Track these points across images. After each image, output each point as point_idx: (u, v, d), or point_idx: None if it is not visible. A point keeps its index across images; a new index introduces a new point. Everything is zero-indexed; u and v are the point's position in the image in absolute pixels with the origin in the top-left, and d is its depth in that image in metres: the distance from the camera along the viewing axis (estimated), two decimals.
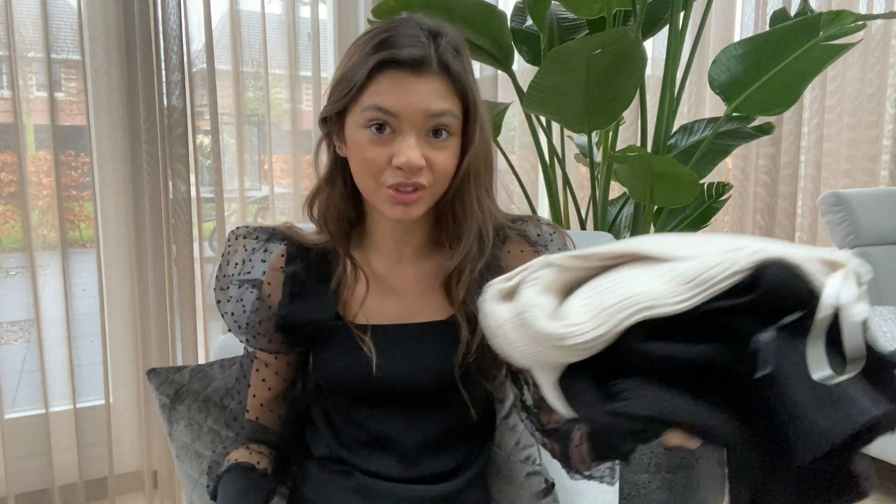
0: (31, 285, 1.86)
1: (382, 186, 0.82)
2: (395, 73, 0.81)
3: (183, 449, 1.10)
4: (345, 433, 0.93)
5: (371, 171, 0.82)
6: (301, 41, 2.11)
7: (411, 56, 0.80)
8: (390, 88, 0.80)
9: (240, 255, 0.94)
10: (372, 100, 0.81)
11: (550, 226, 0.96)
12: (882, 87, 3.28)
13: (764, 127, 1.85)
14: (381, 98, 0.80)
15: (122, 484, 2.07)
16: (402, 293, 0.92)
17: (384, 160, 0.81)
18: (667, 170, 1.52)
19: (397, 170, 0.81)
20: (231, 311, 0.93)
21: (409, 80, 0.81)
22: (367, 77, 0.81)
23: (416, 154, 0.80)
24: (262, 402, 0.97)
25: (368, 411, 0.91)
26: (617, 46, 1.42)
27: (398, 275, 0.92)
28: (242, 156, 2.07)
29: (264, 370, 0.97)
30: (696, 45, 1.78)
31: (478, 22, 1.62)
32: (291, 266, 0.93)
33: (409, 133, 0.81)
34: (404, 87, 0.81)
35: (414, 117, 0.81)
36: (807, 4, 1.80)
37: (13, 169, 1.84)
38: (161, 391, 1.11)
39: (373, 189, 0.84)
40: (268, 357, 0.97)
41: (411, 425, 0.91)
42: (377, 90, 0.81)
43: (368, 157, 0.82)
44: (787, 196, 3.16)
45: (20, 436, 1.92)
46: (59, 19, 1.84)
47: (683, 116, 2.80)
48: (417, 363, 0.89)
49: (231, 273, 0.94)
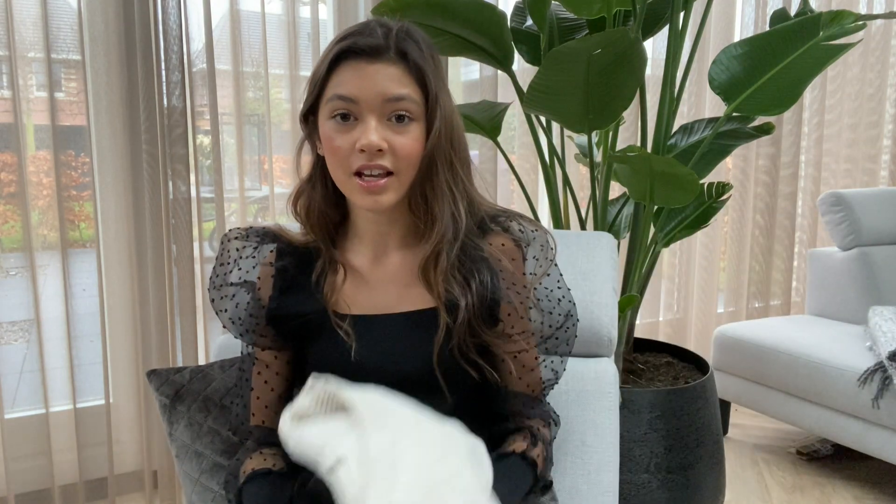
0: (31, 285, 1.86)
1: (351, 176, 0.86)
2: (353, 62, 0.85)
3: (183, 449, 1.10)
4: None
5: (339, 160, 0.86)
6: (301, 41, 2.11)
7: (367, 44, 0.85)
8: (349, 76, 0.85)
9: (232, 256, 0.98)
10: (334, 90, 0.86)
11: (533, 223, 0.98)
12: (882, 87, 3.28)
13: (764, 127, 1.85)
14: (341, 87, 0.85)
15: (122, 484, 2.07)
16: (386, 285, 0.94)
17: (349, 147, 0.85)
18: (667, 170, 1.52)
19: (360, 153, 0.84)
20: (226, 309, 0.96)
21: (366, 67, 0.85)
22: (327, 70, 0.86)
23: (375, 137, 0.84)
24: (266, 403, 0.98)
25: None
26: (617, 46, 1.42)
27: (382, 267, 0.95)
28: (242, 156, 2.07)
29: (266, 372, 0.98)
30: (696, 45, 1.78)
31: (478, 22, 1.62)
32: (281, 262, 0.96)
33: (369, 118, 0.85)
34: (361, 74, 0.85)
35: (372, 101, 0.84)
36: (807, 4, 1.80)
37: (13, 169, 1.84)
38: (161, 392, 1.11)
39: (344, 180, 0.88)
40: (268, 358, 0.98)
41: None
42: (338, 81, 0.86)
43: (335, 145, 0.86)
44: (787, 196, 3.16)
45: (20, 436, 1.93)
46: (59, 19, 1.84)
47: (683, 116, 2.80)
48: (397, 351, 0.91)
49: (225, 274, 0.97)
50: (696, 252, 2.99)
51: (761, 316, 3.20)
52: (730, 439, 2.56)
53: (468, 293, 0.89)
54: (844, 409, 2.14)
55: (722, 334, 2.55)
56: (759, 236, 3.14)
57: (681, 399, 1.71)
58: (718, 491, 1.79)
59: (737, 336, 2.49)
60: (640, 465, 1.67)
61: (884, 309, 2.32)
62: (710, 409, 1.77)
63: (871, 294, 2.51)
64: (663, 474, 1.67)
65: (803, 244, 3.30)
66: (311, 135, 0.93)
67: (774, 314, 3.23)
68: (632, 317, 1.91)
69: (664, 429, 1.68)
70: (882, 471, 2.32)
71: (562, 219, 1.89)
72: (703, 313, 3.04)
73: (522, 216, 0.99)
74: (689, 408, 1.71)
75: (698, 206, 1.90)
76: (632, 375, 1.88)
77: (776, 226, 3.16)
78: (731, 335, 2.52)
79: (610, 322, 1.25)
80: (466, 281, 0.90)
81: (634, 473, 1.67)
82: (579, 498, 1.12)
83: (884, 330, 2.19)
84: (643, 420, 1.68)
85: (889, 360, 2.05)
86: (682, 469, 1.68)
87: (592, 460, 1.14)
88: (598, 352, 1.26)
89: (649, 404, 1.69)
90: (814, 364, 2.22)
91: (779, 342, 2.36)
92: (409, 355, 0.91)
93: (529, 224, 0.98)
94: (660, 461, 1.67)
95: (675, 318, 3.01)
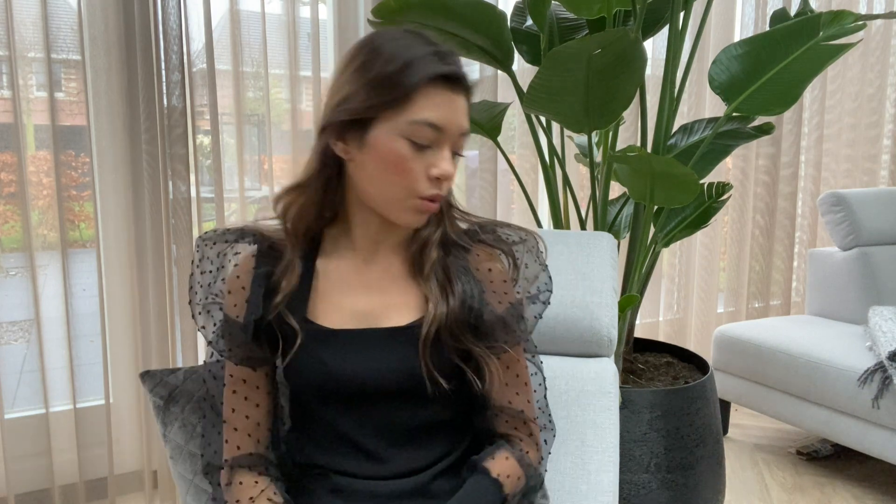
0: (31, 285, 1.86)
1: (412, 196, 0.85)
2: (444, 90, 0.83)
3: (177, 450, 1.09)
4: (316, 434, 0.93)
5: (406, 181, 0.84)
6: (301, 41, 2.11)
7: (457, 73, 0.84)
8: (440, 104, 0.83)
9: (211, 262, 0.95)
10: (423, 114, 0.82)
11: (522, 229, 0.99)
12: (882, 87, 3.28)
13: (764, 127, 1.85)
14: (431, 113, 0.83)
15: (122, 484, 2.07)
16: (370, 292, 0.93)
17: (421, 171, 0.84)
18: (667, 170, 1.52)
19: (434, 180, 0.85)
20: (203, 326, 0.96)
21: (455, 98, 0.85)
22: (415, 88, 0.82)
23: (452, 167, 0.86)
24: (258, 421, 0.94)
25: (335, 413, 0.91)
26: (617, 46, 1.42)
27: (366, 273, 0.93)
28: (242, 156, 2.07)
29: (242, 388, 0.94)
30: (696, 45, 1.78)
31: (478, 22, 1.62)
32: (263, 266, 0.92)
33: (445, 147, 0.85)
34: (451, 105, 0.84)
35: (453, 134, 0.85)
36: (807, 4, 1.80)
37: (13, 169, 1.84)
38: (155, 393, 1.10)
39: (400, 197, 0.86)
40: (245, 373, 0.93)
41: (377, 425, 0.91)
42: (427, 104, 0.83)
43: (409, 167, 0.84)
44: (787, 196, 3.16)
45: (20, 436, 1.93)
46: (59, 19, 1.84)
47: (683, 116, 2.80)
48: (381, 366, 0.89)
49: (205, 283, 0.95)
50: (696, 252, 2.99)
51: (761, 316, 3.20)
52: (730, 439, 2.56)
53: (450, 296, 0.90)
54: (844, 409, 2.14)
55: (722, 334, 2.55)
56: (759, 236, 3.15)
57: (681, 399, 1.71)
58: (718, 491, 1.79)
59: (737, 336, 2.49)
60: (640, 465, 1.67)
61: (884, 309, 2.32)
62: (710, 409, 1.77)
63: (871, 294, 2.51)
64: (663, 474, 1.67)
65: (803, 244, 3.30)
66: (343, 137, 0.87)
67: (774, 314, 3.23)
68: (632, 317, 1.91)
69: (664, 429, 1.68)
70: (882, 471, 2.32)
71: (562, 219, 1.89)
72: (703, 313, 3.04)
73: (511, 224, 1.00)
74: (689, 408, 1.71)
75: (698, 206, 1.90)
76: (632, 375, 1.88)
77: (776, 226, 3.16)
78: (731, 335, 2.52)
79: (610, 322, 1.25)
80: (450, 283, 0.91)
81: (634, 473, 1.67)
82: (579, 498, 1.12)
83: (884, 330, 2.19)
84: (643, 420, 1.68)
85: (889, 360, 2.05)
86: (682, 469, 1.68)
87: (592, 460, 1.14)
88: (598, 352, 1.26)
89: (649, 404, 1.69)
90: (814, 364, 2.22)
91: (779, 342, 2.36)
92: (391, 370, 0.90)
93: (519, 230, 0.99)
94: (660, 461, 1.67)
95: (675, 318, 3.01)
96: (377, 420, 0.91)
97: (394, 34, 0.86)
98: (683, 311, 3.01)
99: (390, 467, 0.91)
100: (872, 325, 2.25)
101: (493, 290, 0.94)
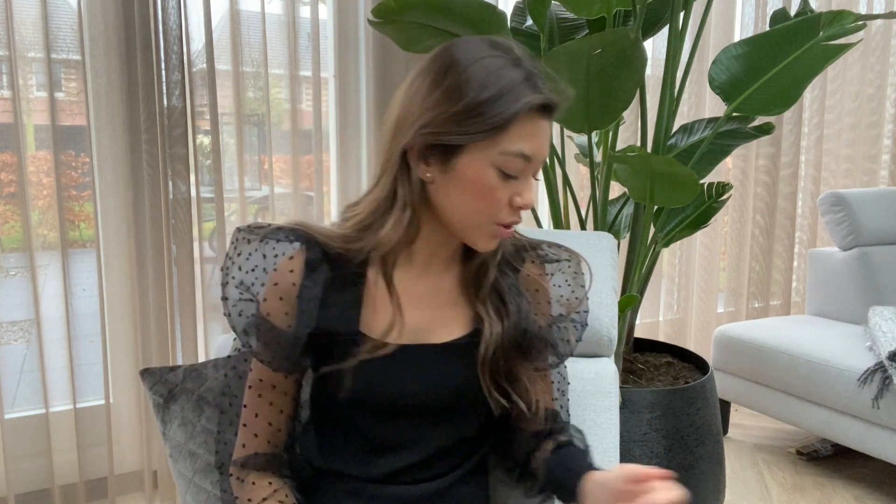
0: (31, 285, 1.86)
1: (492, 223, 0.83)
2: (538, 118, 0.80)
3: (177, 448, 1.09)
4: (342, 439, 0.92)
5: (491, 209, 0.82)
6: (301, 41, 2.11)
7: (552, 102, 0.81)
8: (533, 134, 0.80)
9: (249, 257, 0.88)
10: (516, 145, 0.79)
11: (567, 250, 0.98)
12: (882, 87, 3.28)
13: (764, 127, 1.85)
14: (524, 144, 0.80)
15: (122, 484, 2.07)
16: (420, 305, 0.90)
17: (507, 199, 0.83)
18: (667, 170, 1.52)
19: (517, 209, 0.84)
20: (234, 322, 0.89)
21: (544, 123, 0.82)
22: (511, 120, 0.78)
23: (533, 196, 0.84)
24: (279, 427, 0.92)
25: (370, 422, 0.90)
26: (617, 46, 1.42)
27: (418, 286, 0.90)
28: (242, 156, 2.07)
29: (270, 393, 0.90)
30: (696, 45, 1.78)
31: (478, 22, 1.62)
32: (312, 276, 0.86)
33: (530, 175, 0.84)
34: (542, 134, 0.82)
35: (539, 163, 0.83)
36: (807, 4, 1.80)
37: (13, 169, 1.84)
38: (154, 391, 1.10)
39: (480, 223, 0.84)
40: (277, 378, 0.90)
41: (411, 436, 0.91)
42: (521, 134, 0.79)
43: (496, 196, 0.82)
44: (787, 196, 3.16)
45: (20, 436, 1.93)
46: (59, 19, 1.84)
47: (683, 116, 2.80)
48: (429, 383, 0.89)
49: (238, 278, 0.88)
50: (696, 252, 2.99)
51: (761, 316, 3.20)
52: (730, 439, 2.56)
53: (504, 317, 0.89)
54: (844, 409, 2.14)
55: (722, 334, 2.55)
56: (759, 236, 3.14)
57: (681, 399, 1.71)
58: (718, 491, 1.79)
59: (737, 336, 2.49)
60: (640, 464, 1.67)
61: (884, 309, 2.32)
62: (710, 409, 1.77)
63: (871, 294, 2.51)
64: None
65: (803, 244, 3.30)
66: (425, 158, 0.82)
67: (774, 314, 3.23)
68: (632, 317, 1.91)
69: (664, 429, 1.68)
70: (882, 471, 2.32)
71: (562, 219, 1.89)
72: (703, 313, 3.04)
73: (560, 244, 0.99)
74: (689, 408, 1.71)
75: (698, 206, 1.90)
76: (632, 375, 1.88)
77: (776, 226, 3.16)
78: (730, 335, 2.52)
79: (610, 322, 1.25)
80: (504, 304, 0.90)
81: None
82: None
83: (884, 330, 2.19)
84: (643, 420, 1.68)
85: (889, 360, 2.05)
86: (682, 469, 1.68)
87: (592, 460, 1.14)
88: (598, 352, 1.26)
89: (649, 404, 1.69)
90: (814, 364, 2.22)
91: (779, 342, 2.36)
92: (438, 387, 0.89)
93: (563, 251, 0.98)
94: (660, 461, 1.67)
95: (675, 318, 3.01)
96: (412, 432, 0.91)
97: (478, 49, 0.81)
98: (683, 311, 3.01)
99: (413, 474, 0.91)
100: (872, 325, 2.25)
101: (541, 311, 0.94)
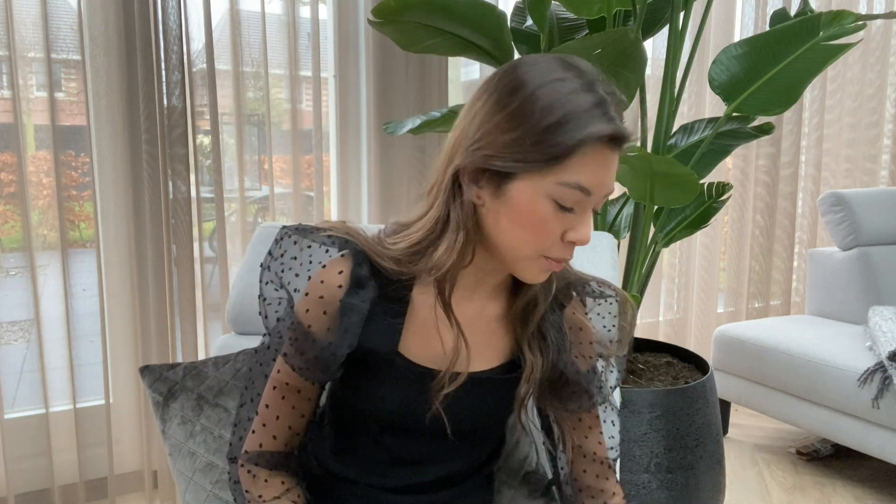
0: (31, 285, 1.86)
1: (541, 256, 0.78)
2: (603, 149, 0.73)
3: (176, 447, 1.09)
4: (360, 449, 0.92)
5: (541, 241, 0.76)
6: (301, 41, 2.11)
7: (622, 133, 0.74)
8: (596, 166, 0.74)
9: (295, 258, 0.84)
10: (575, 176, 0.73)
11: (614, 287, 0.93)
12: (882, 87, 3.28)
13: (764, 127, 1.85)
14: (584, 176, 0.73)
15: (122, 484, 2.07)
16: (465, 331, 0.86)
17: (559, 232, 0.77)
18: (667, 170, 1.52)
19: (570, 245, 0.78)
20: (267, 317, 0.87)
21: (611, 157, 0.75)
22: (574, 150, 0.72)
23: (590, 232, 0.77)
24: (298, 431, 0.90)
25: (395, 439, 0.89)
26: (617, 46, 1.42)
27: (460, 311, 0.86)
28: (242, 156, 2.07)
29: (294, 396, 0.88)
30: (696, 45, 1.78)
31: (478, 22, 1.62)
32: (359, 293, 0.82)
33: (589, 210, 0.77)
34: (606, 167, 0.74)
35: (600, 198, 0.77)
36: (807, 4, 1.80)
37: (13, 169, 1.84)
38: (154, 389, 1.10)
39: (528, 255, 0.78)
40: (303, 384, 0.87)
41: (434, 455, 0.91)
42: (582, 166, 0.73)
43: (548, 228, 0.76)
44: (787, 196, 3.16)
45: (20, 436, 1.93)
46: (59, 19, 1.84)
47: (683, 116, 2.80)
48: (462, 411, 0.87)
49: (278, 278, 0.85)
50: (696, 252, 2.99)
51: (761, 316, 3.20)
52: (730, 439, 2.56)
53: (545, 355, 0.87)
54: (844, 409, 2.14)
55: (722, 334, 2.55)
56: (759, 236, 3.14)
57: (681, 399, 1.71)
58: (718, 491, 1.79)
59: (737, 336, 2.49)
60: (640, 465, 1.67)
61: (884, 309, 2.32)
62: (710, 409, 1.77)
63: (871, 294, 2.51)
64: (663, 474, 1.67)
65: (803, 244, 3.30)
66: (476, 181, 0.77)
67: (774, 314, 3.23)
68: None
69: (664, 429, 1.68)
70: (882, 471, 2.32)
71: None
72: (703, 313, 3.04)
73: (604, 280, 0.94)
74: (689, 408, 1.71)
75: (698, 206, 1.90)
76: (632, 375, 1.88)
77: (776, 226, 3.16)
78: (730, 335, 2.52)
79: None
80: (545, 341, 0.87)
81: (634, 473, 1.67)
82: None
83: (884, 330, 2.19)
84: (643, 420, 1.68)
85: (889, 360, 2.05)
86: (682, 469, 1.68)
87: None
88: None
89: (649, 404, 1.69)
90: (814, 364, 2.22)
91: (779, 342, 2.36)
92: (470, 415, 0.88)
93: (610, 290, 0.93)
94: (660, 461, 1.67)
95: (675, 318, 3.01)
96: (433, 450, 0.90)
97: (547, 71, 0.75)
98: (683, 311, 3.01)
99: (427, 487, 0.92)
100: (872, 325, 2.25)
101: (582, 352, 0.90)
